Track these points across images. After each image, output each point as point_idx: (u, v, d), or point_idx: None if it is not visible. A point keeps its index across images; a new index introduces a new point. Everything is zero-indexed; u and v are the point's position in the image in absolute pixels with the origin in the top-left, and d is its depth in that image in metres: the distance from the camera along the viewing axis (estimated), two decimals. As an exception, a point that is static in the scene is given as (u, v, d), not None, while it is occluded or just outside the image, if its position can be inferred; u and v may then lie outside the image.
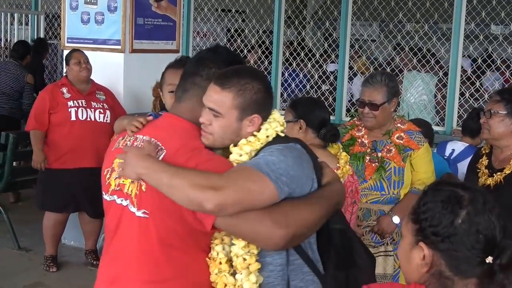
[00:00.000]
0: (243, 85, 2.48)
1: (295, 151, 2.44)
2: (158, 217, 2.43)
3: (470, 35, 6.99)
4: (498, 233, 1.86)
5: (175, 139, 2.52)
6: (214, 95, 2.48)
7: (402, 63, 7.56)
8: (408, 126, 4.35)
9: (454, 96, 6.75)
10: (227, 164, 2.42)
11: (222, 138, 2.49)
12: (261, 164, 2.32)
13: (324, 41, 8.10)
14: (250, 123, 2.49)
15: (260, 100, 2.50)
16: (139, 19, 6.84)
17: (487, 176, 3.91)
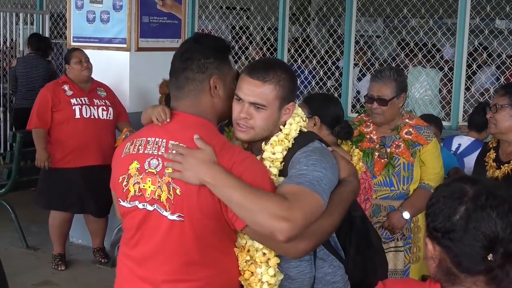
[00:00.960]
0: (280, 75, 2.59)
1: (329, 157, 2.55)
2: (195, 219, 2.44)
3: (475, 30, 6.97)
4: (500, 230, 1.83)
5: (189, 135, 2.48)
6: (257, 89, 2.57)
7: (407, 59, 7.54)
8: (416, 121, 4.34)
9: (460, 91, 6.73)
10: (258, 163, 2.52)
11: (264, 130, 2.60)
12: (314, 184, 2.38)
13: (329, 37, 8.08)
14: (285, 112, 2.62)
15: (293, 88, 2.66)
16: (144, 17, 6.85)
17: (495, 169, 3.91)
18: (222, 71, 2.60)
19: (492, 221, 1.83)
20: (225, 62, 2.63)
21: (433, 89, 7.39)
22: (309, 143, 2.58)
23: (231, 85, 2.64)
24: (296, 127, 2.62)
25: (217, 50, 2.61)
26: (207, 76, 2.56)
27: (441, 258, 1.91)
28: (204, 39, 2.67)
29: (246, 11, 9.06)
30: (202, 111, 2.57)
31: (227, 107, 2.63)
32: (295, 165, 2.48)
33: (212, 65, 2.57)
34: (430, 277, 1.98)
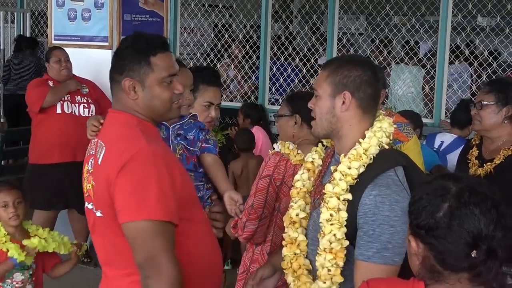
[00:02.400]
0: (339, 64, 2.59)
1: (397, 204, 2.40)
2: (109, 213, 2.49)
3: (457, 27, 6.99)
4: (484, 227, 1.84)
5: (114, 131, 2.59)
6: (318, 77, 2.63)
7: (390, 56, 7.56)
8: (396, 118, 4.33)
9: (442, 88, 6.76)
10: (146, 164, 2.44)
11: (320, 119, 2.59)
12: (384, 254, 2.36)
13: (312, 35, 8.08)
14: (343, 104, 2.54)
15: (352, 78, 2.54)
16: (126, 15, 6.82)
17: (477, 166, 3.91)
18: (138, 73, 2.56)
19: (476, 218, 1.83)
20: (141, 63, 2.56)
21: (416, 87, 7.41)
22: (386, 170, 2.47)
23: (154, 85, 2.58)
24: (376, 142, 2.52)
25: (135, 51, 2.58)
26: (122, 77, 2.58)
27: (425, 255, 1.91)
28: (130, 38, 2.65)
29: (229, 9, 9.05)
30: (128, 107, 2.60)
31: (153, 106, 2.60)
32: (367, 218, 2.41)
33: (127, 67, 2.57)
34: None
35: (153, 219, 2.36)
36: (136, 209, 2.38)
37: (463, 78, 7.07)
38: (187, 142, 3.09)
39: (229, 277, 5.25)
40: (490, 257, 1.83)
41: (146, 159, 2.42)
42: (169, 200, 2.41)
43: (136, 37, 2.63)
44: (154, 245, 2.36)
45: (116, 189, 2.42)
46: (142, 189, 2.37)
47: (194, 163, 3.09)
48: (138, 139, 2.47)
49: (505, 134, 3.87)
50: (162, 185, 2.40)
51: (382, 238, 2.37)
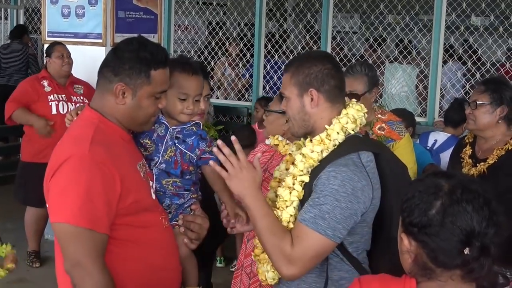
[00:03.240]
0: (299, 63, 2.67)
1: (350, 182, 2.50)
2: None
3: (451, 26, 7.00)
4: (476, 224, 1.84)
5: (71, 129, 2.64)
6: (282, 80, 2.73)
7: (384, 55, 7.57)
8: (389, 117, 4.33)
9: (436, 87, 6.77)
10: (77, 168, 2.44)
11: (294, 120, 2.70)
12: (318, 222, 2.47)
13: (306, 33, 8.09)
14: (312, 100, 2.63)
15: (314, 74, 2.63)
16: (120, 12, 6.80)
17: (471, 166, 3.91)
18: (134, 82, 2.56)
19: (468, 215, 1.83)
20: (141, 74, 2.56)
21: (410, 85, 7.41)
22: (349, 153, 2.56)
23: (145, 97, 2.59)
24: (340, 128, 2.62)
25: (138, 61, 2.56)
26: (116, 80, 2.56)
27: (417, 253, 1.91)
28: (136, 43, 2.62)
29: (223, 7, 9.06)
30: (102, 107, 2.60)
31: (134, 115, 2.61)
32: (317, 187, 2.53)
33: (125, 72, 2.55)
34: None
35: (73, 224, 2.38)
36: (59, 211, 2.41)
37: (457, 77, 7.08)
38: (186, 146, 3.03)
39: (222, 275, 5.26)
40: (482, 254, 1.84)
41: (80, 163, 2.42)
42: (95, 209, 2.40)
43: (141, 44, 2.60)
44: (77, 250, 2.39)
45: (50, 188, 2.47)
46: (68, 193, 2.39)
47: (182, 170, 2.99)
48: (82, 141, 2.47)
49: (499, 134, 3.87)
50: (90, 192, 2.39)
51: (323, 208, 2.47)
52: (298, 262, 2.47)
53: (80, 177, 2.40)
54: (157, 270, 2.62)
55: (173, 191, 2.98)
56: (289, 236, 2.51)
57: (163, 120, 2.97)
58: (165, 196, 2.95)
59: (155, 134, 2.95)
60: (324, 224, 2.46)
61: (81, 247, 2.38)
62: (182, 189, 3.00)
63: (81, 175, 2.40)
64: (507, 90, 3.85)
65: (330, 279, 2.62)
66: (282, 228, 2.56)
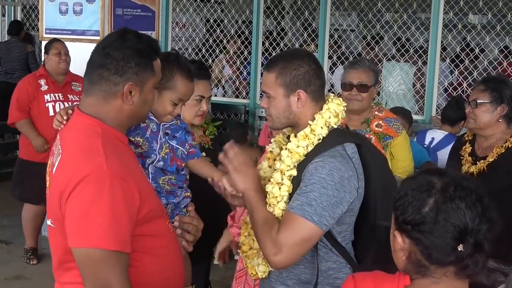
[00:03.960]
0: (283, 63, 2.69)
1: (337, 172, 2.57)
2: (59, 230, 2.33)
3: (449, 24, 7.00)
4: (469, 221, 1.84)
5: (74, 139, 2.39)
6: (264, 79, 2.76)
7: (381, 53, 7.56)
8: (386, 114, 4.33)
9: (433, 85, 6.76)
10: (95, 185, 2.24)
11: (278, 117, 2.73)
12: (305, 208, 2.53)
13: (304, 31, 8.08)
14: (298, 100, 2.68)
15: (301, 75, 2.67)
16: (118, 9, 6.79)
17: (471, 163, 3.90)
18: (141, 77, 2.40)
19: (461, 212, 1.84)
20: (147, 68, 2.42)
21: (407, 83, 7.41)
22: (334, 146, 2.63)
23: (150, 91, 2.46)
24: (323, 123, 2.67)
25: (141, 55, 2.40)
26: (123, 81, 2.37)
27: (411, 250, 1.91)
28: (131, 37, 2.42)
29: (221, 4, 9.04)
30: (104, 113, 2.40)
31: (139, 112, 2.48)
32: (305, 177, 2.59)
33: (132, 70, 2.38)
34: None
35: (100, 248, 2.20)
36: (85, 235, 2.21)
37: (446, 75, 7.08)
38: (177, 142, 3.00)
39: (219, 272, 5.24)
40: (476, 250, 1.84)
41: (100, 181, 2.23)
42: (121, 228, 2.25)
43: (137, 36, 2.44)
44: (106, 274, 2.22)
45: (66, 209, 2.25)
46: (92, 215, 2.20)
47: (177, 166, 2.97)
48: (95, 156, 2.28)
49: (499, 132, 3.87)
50: (115, 211, 2.23)
51: (310, 195, 2.53)
52: (284, 247, 2.50)
53: (103, 197, 2.22)
54: (168, 279, 2.53)
55: (169, 189, 2.95)
56: (278, 224, 2.57)
57: (152, 116, 2.91)
58: (161, 195, 2.89)
59: (148, 130, 2.88)
60: (310, 210, 2.52)
61: (110, 271, 2.22)
62: (176, 186, 2.98)
63: (104, 194, 2.22)
64: (507, 89, 3.85)
65: (319, 270, 2.67)
66: (274, 218, 2.62)
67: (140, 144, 2.85)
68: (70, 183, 2.24)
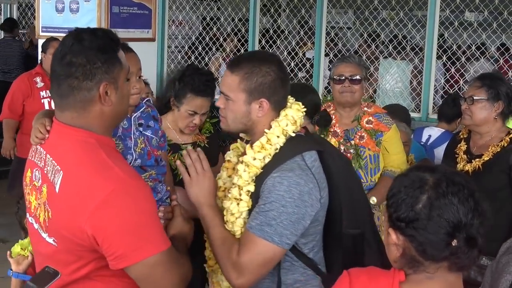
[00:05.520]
0: (250, 68, 2.53)
1: (296, 187, 2.44)
2: (65, 247, 2.27)
3: (445, 22, 7.00)
4: (463, 216, 1.86)
5: (72, 153, 2.28)
6: (225, 79, 2.58)
7: (378, 50, 7.55)
8: (375, 109, 4.37)
9: (430, 83, 6.76)
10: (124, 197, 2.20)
11: (234, 122, 2.59)
12: (264, 229, 2.43)
13: (300, 28, 8.07)
14: (260, 108, 2.55)
15: (268, 84, 2.53)
16: (114, 7, 6.79)
17: (466, 162, 3.91)
18: (112, 74, 2.29)
19: (454, 207, 1.86)
20: (114, 62, 2.30)
21: (404, 81, 7.41)
22: (293, 157, 2.50)
23: (124, 84, 2.36)
24: (280, 131, 2.55)
25: (102, 51, 2.27)
26: (95, 84, 2.26)
27: (405, 247, 1.93)
28: (87, 36, 2.29)
29: (217, 2, 9.03)
30: (89, 123, 2.30)
31: (120, 110, 2.38)
32: (263, 194, 2.48)
33: (100, 70, 2.25)
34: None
35: (159, 251, 2.23)
36: (141, 247, 2.19)
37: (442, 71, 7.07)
38: (151, 131, 2.92)
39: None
40: (469, 245, 1.86)
41: (128, 191, 2.20)
42: (161, 225, 2.32)
43: (92, 34, 2.31)
44: (168, 275, 2.26)
45: (102, 231, 2.17)
46: (139, 225, 2.19)
47: (155, 158, 2.90)
48: (109, 167, 2.21)
49: (495, 130, 3.89)
50: (153, 213, 2.27)
51: (269, 214, 2.43)
52: (246, 271, 2.44)
53: (139, 205, 2.21)
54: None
55: (151, 185, 2.89)
56: (237, 245, 2.48)
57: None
58: None
59: (120, 129, 2.81)
60: (270, 230, 2.42)
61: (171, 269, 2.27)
62: (157, 181, 2.93)
63: (138, 202, 2.21)
64: (503, 86, 3.86)
65: (284, 283, 2.58)
66: (232, 238, 2.53)
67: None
68: (93, 200, 2.16)
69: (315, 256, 2.64)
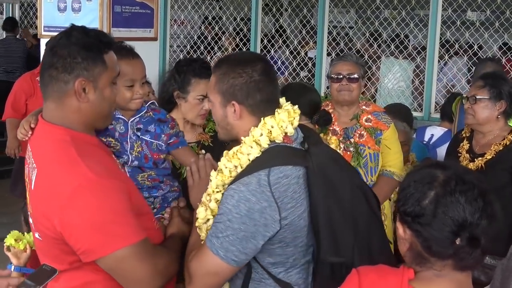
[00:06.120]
0: (226, 69, 2.44)
1: (244, 203, 2.31)
2: (47, 241, 2.36)
3: (447, 21, 7.00)
4: (469, 215, 1.86)
5: (46, 152, 2.36)
6: (210, 81, 2.50)
7: (380, 50, 7.55)
8: (373, 108, 4.37)
9: (432, 82, 6.76)
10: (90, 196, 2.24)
11: (218, 126, 2.53)
12: (212, 240, 2.36)
13: (302, 28, 8.08)
14: (234, 112, 2.43)
15: (239, 86, 2.40)
16: (116, 6, 6.79)
17: (468, 160, 3.92)
18: (92, 72, 2.34)
19: (461, 206, 1.86)
20: (96, 62, 2.35)
21: (406, 80, 7.41)
22: (257, 170, 2.34)
23: (106, 86, 2.40)
24: (251, 141, 2.40)
25: (86, 49, 2.33)
26: (72, 78, 2.32)
27: (412, 241, 1.95)
28: (77, 33, 2.37)
29: (219, 1, 9.04)
30: (66, 118, 2.36)
31: (100, 110, 2.41)
32: (220, 204, 2.40)
33: (80, 66, 2.32)
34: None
35: (129, 244, 2.26)
36: (106, 242, 2.24)
37: (453, 72, 7.07)
38: (150, 136, 2.92)
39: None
40: (472, 244, 1.86)
41: (92, 188, 2.23)
42: (132, 218, 2.30)
43: (82, 32, 2.38)
44: (139, 267, 2.29)
45: (65, 224, 2.23)
46: (103, 220, 2.23)
47: (154, 161, 2.91)
48: (76, 165, 2.25)
49: (497, 129, 3.89)
50: (120, 208, 2.28)
51: (218, 226, 2.35)
52: (194, 278, 2.38)
53: (103, 201, 2.24)
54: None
55: (150, 184, 2.92)
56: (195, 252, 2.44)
57: (119, 115, 2.87)
58: (143, 190, 2.87)
59: (116, 133, 2.84)
60: (217, 243, 2.34)
61: (143, 261, 2.30)
62: (157, 181, 2.95)
63: (102, 198, 2.25)
64: (505, 85, 3.87)
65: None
66: (198, 244, 2.47)
67: (112, 145, 2.82)
68: (59, 198, 2.23)
69: (290, 278, 2.47)
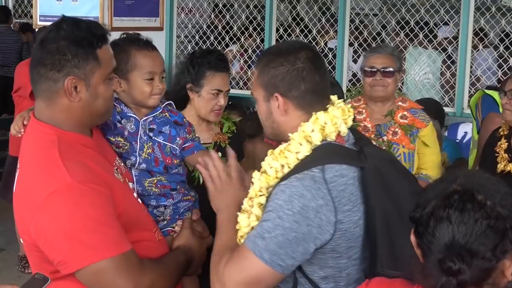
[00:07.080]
0: (268, 60, 2.41)
1: (298, 199, 2.23)
2: (28, 248, 2.38)
3: (481, 7, 6.92)
4: (460, 237, 1.77)
5: (30, 152, 2.38)
6: (253, 75, 2.47)
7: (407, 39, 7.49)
8: (410, 104, 4.35)
9: (464, 74, 6.69)
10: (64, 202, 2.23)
11: (264, 126, 2.49)
12: (256, 241, 2.24)
13: (322, 15, 8.03)
14: (278, 107, 2.39)
15: (281, 76, 2.37)
16: (118, -7, 6.77)
17: (507, 161, 3.87)
18: (84, 70, 2.33)
19: (450, 225, 1.79)
20: (88, 58, 2.33)
21: (435, 72, 7.35)
22: (312, 167, 2.28)
23: (100, 83, 2.38)
24: (301, 138, 2.34)
25: (77, 44, 2.32)
26: (62, 76, 2.31)
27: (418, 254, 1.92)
28: (67, 26, 2.35)
29: (230, -13, 8.98)
30: (56, 116, 2.36)
31: (94, 109, 2.40)
32: (267, 203, 2.33)
33: (70, 63, 2.31)
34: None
35: (107, 257, 2.24)
36: (82, 254, 2.23)
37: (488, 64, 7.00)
38: (164, 137, 2.88)
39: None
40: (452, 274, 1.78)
41: (69, 193, 2.22)
42: (113, 229, 2.28)
43: (73, 25, 2.36)
44: (119, 282, 2.27)
45: (39, 231, 2.24)
46: (79, 230, 2.21)
47: (165, 165, 2.87)
48: (56, 168, 2.25)
49: (539, 126, 3.84)
50: (98, 217, 2.24)
51: (264, 224, 2.25)
52: (227, 286, 2.25)
53: (79, 208, 2.22)
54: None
55: (158, 192, 2.86)
56: (228, 256, 2.32)
57: (131, 113, 2.84)
58: (150, 197, 2.84)
59: (126, 131, 2.82)
60: (261, 244, 2.22)
61: (123, 275, 2.27)
62: (168, 188, 2.89)
63: (79, 205, 2.22)
64: (548, 77, 3.81)
65: None
66: (228, 250, 2.36)
67: (121, 145, 2.79)
68: (34, 202, 2.22)
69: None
